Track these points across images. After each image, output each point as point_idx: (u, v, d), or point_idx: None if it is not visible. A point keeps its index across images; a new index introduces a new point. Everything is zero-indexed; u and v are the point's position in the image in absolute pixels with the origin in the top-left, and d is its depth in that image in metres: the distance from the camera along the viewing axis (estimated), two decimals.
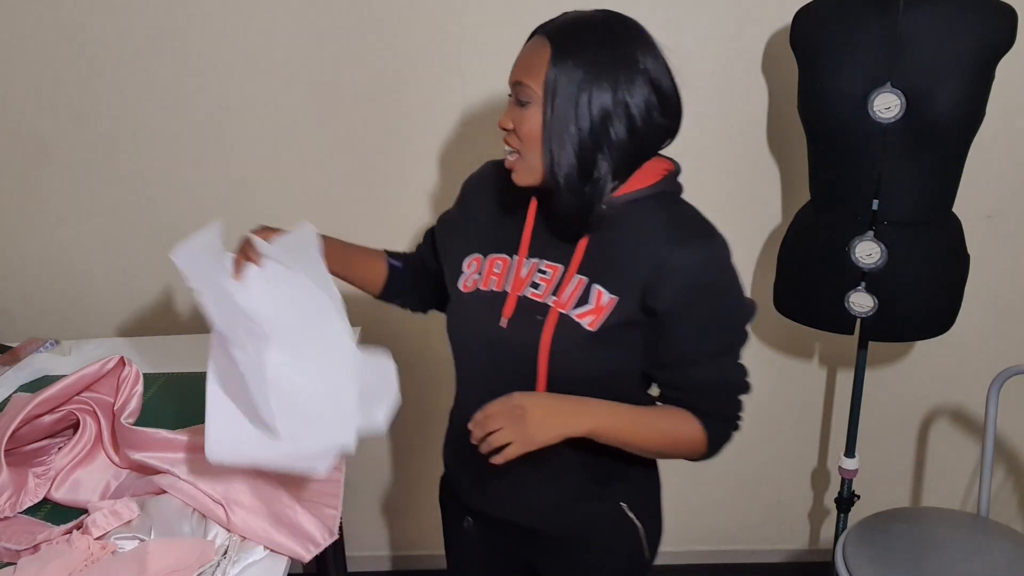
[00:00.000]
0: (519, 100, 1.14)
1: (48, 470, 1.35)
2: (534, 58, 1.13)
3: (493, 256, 1.25)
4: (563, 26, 1.14)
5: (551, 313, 1.17)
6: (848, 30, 1.65)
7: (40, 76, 1.95)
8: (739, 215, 2.06)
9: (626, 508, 1.29)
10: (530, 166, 1.16)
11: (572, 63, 1.10)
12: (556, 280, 1.19)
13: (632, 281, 1.15)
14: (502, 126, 1.17)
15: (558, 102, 1.10)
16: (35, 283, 2.13)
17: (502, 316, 1.20)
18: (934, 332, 1.81)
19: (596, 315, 1.15)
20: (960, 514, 1.92)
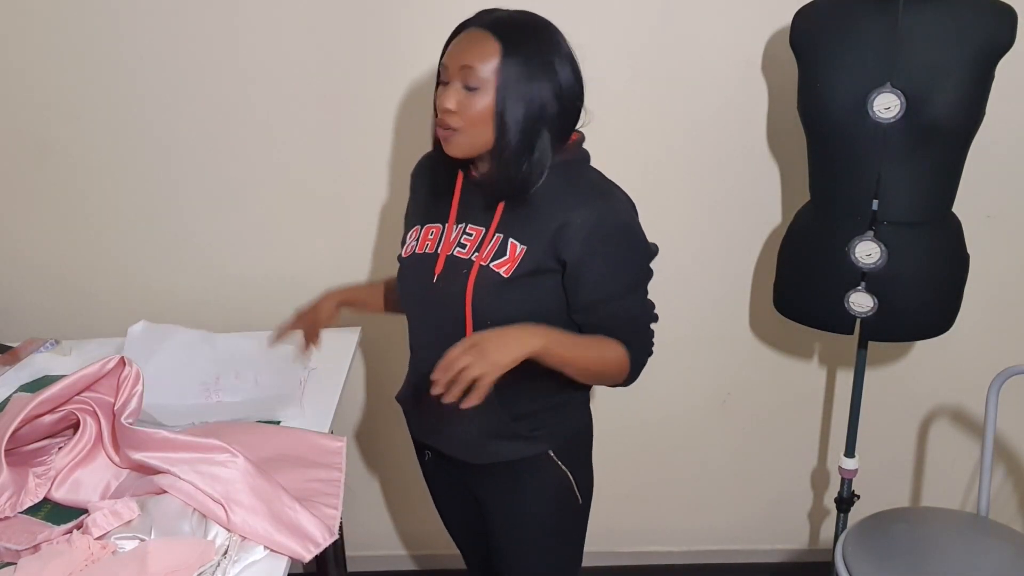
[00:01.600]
0: (467, 85, 1.28)
1: (48, 470, 1.36)
2: (482, 48, 1.28)
3: (428, 225, 1.45)
4: (501, 21, 1.30)
5: (473, 266, 1.35)
6: (848, 30, 1.65)
7: (40, 76, 1.95)
8: (739, 215, 2.06)
9: (552, 454, 1.46)
10: (469, 142, 1.31)
11: (520, 54, 1.27)
12: (479, 240, 1.37)
13: (541, 235, 1.33)
14: (447, 107, 1.29)
15: (511, 90, 1.27)
16: (35, 283, 2.13)
17: (434, 273, 1.39)
18: (934, 332, 1.81)
19: (510, 264, 1.34)
20: (960, 514, 1.92)
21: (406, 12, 1.90)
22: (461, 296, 1.35)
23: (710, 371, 2.22)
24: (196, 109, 1.97)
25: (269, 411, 1.59)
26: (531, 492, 1.47)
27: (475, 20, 1.33)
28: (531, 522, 1.50)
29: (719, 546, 2.42)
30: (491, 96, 1.28)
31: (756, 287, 2.13)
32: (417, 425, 1.57)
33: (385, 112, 1.97)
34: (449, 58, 1.31)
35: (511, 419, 1.42)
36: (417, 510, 2.36)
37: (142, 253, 2.10)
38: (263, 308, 2.12)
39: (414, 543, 2.42)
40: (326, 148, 2.00)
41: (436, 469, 1.61)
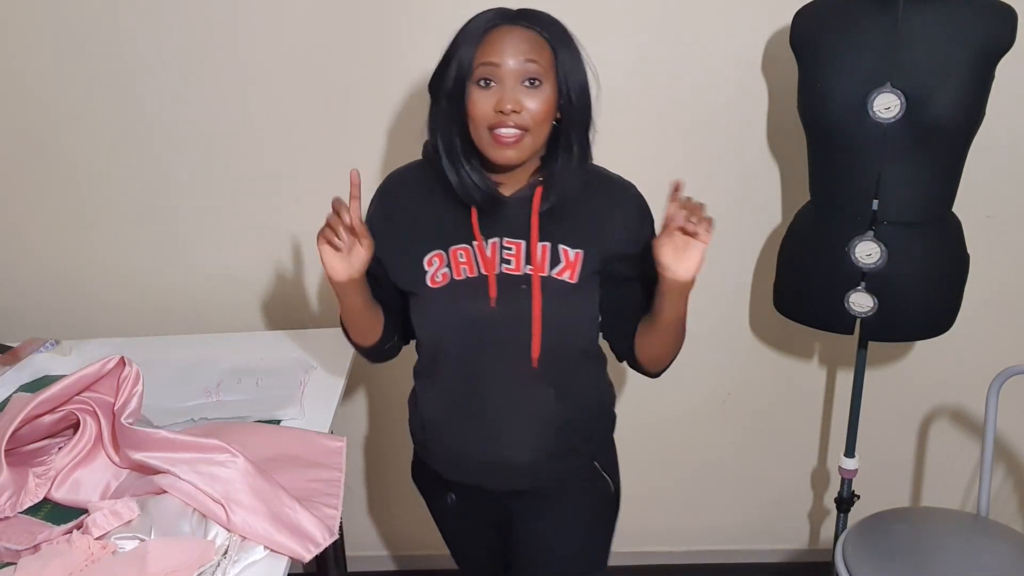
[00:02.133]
0: (530, 80, 1.23)
1: (48, 470, 1.36)
2: (532, 42, 1.24)
3: (454, 247, 1.33)
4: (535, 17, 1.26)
5: (534, 279, 1.29)
6: (848, 30, 1.65)
7: (40, 76, 1.95)
8: (739, 215, 2.06)
9: (599, 466, 1.44)
10: (535, 143, 1.26)
11: (569, 48, 1.26)
12: (523, 252, 1.30)
13: (588, 235, 1.31)
14: (512, 108, 1.22)
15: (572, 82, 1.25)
16: (35, 283, 2.13)
17: (490, 296, 1.30)
18: (934, 332, 1.81)
19: (571, 269, 1.30)
20: (960, 514, 1.92)
21: (407, 13, 1.90)
22: (527, 314, 1.29)
23: (710, 371, 2.21)
24: (196, 109, 1.97)
25: (269, 411, 1.59)
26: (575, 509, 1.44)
27: (500, 18, 1.26)
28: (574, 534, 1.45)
29: (719, 546, 2.42)
30: (551, 92, 1.24)
31: (756, 287, 2.13)
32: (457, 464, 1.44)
33: (385, 113, 1.97)
34: (497, 54, 1.22)
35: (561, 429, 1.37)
36: (417, 510, 2.36)
37: (142, 253, 2.10)
38: (263, 308, 2.12)
39: (413, 544, 2.42)
40: (326, 148, 2.00)
41: (464, 508, 1.52)
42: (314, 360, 1.77)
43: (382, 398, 2.24)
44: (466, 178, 1.29)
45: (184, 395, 1.66)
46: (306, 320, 2.10)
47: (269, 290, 2.11)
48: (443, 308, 1.33)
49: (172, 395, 1.66)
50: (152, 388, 1.46)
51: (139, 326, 2.10)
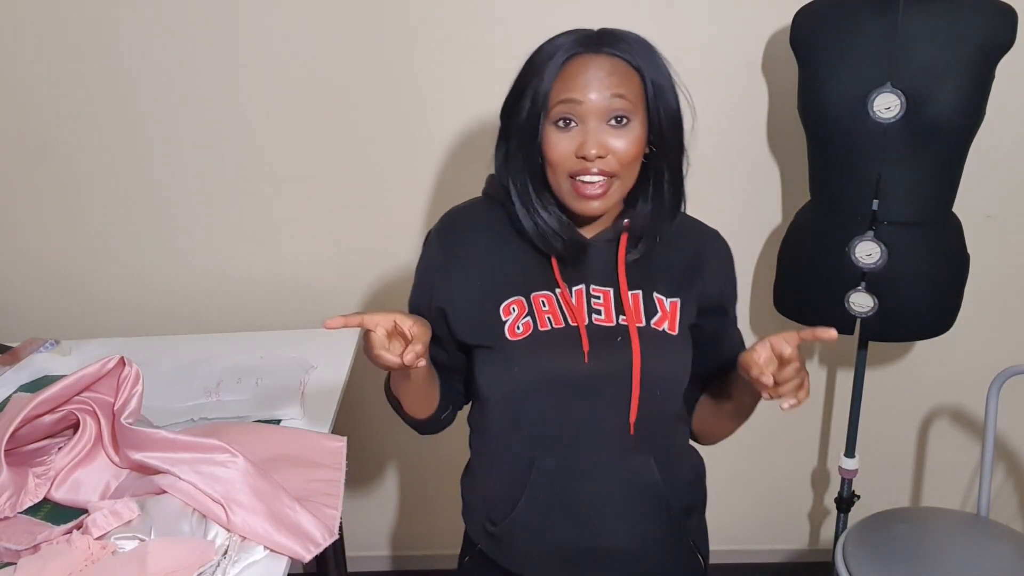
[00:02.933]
0: (620, 115, 1.08)
1: (48, 470, 1.35)
2: (620, 73, 1.09)
3: (536, 294, 1.16)
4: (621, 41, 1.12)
5: (631, 330, 1.14)
6: (848, 30, 1.65)
7: (40, 77, 1.95)
8: (739, 215, 2.06)
9: (694, 544, 1.31)
10: (623, 189, 1.12)
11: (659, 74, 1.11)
12: (613, 301, 1.15)
13: (680, 281, 1.18)
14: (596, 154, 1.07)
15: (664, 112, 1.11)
16: (35, 283, 2.13)
17: (583, 351, 1.13)
18: (934, 332, 1.81)
19: (670, 319, 1.17)
20: (960, 514, 1.92)
21: (407, 13, 1.90)
22: (626, 369, 1.13)
23: None
24: (196, 109, 1.97)
25: (269, 411, 1.59)
26: None
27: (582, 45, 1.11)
28: None
29: (719, 546, 2.40)
30: (642, 126, 1.10)
31: (756, 287, 2.13)
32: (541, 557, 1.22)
33: (386, 113, 1.97)
34: (576, 90, 1.07)
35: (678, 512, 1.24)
36: (417, 511, 2.36)
37: (142, 253, 2.10)
38: (263, 308, 2.12)
39: (414, 544, 2.42)
40: (326, 148, 2.00)
41: None
42: (314, 360, 1.77)
43: (382, 398, 2.24)
44: (543, 225, 1.14)
45: (184, 395, 1.66)
46: (306, 320, 2.10)
47: (269, 290, 2.11)
48: (529, 363, 1.14)
49: (172, 395, 1.66)
50: (152, 388, 1.46)
51: (139, 326, 2.10)
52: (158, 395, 1.61)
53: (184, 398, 1.65)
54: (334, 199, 2.05)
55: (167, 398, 1.64)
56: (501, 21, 1.89)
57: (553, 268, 1.16)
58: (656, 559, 1.24)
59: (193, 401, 1.64)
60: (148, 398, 1.40)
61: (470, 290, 1.18)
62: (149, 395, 1.41)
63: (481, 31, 1.91)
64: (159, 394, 1.62)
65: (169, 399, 1.64)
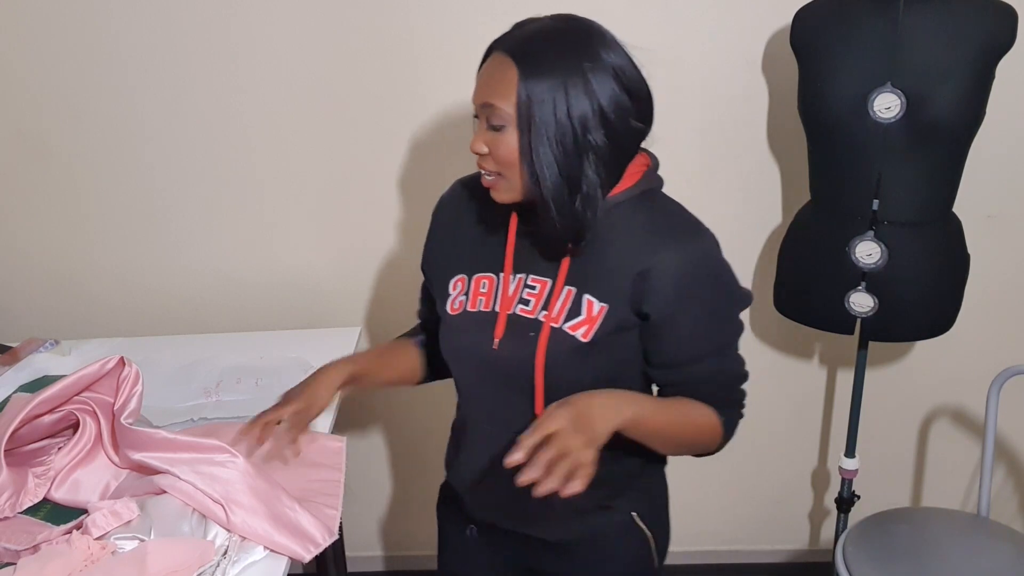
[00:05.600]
0: (491, 124, 1.11)
1: (48, 470, 1.35)
2: (500, 78, 1.10)
3: (479, 275, 1.24)
4: (524, 41, 1.11)
5: (543, 328, 1.16)
6: (848, 30, 1.65)
7: (41, 76, 1.95)
8: (739, 215, 2.06)
9: (636, 517, 1.30)
10: (511, 185, 1.14)
11: (542, 78, 1.07)
12: (545, 294, 1.18)
13: (620, 287, 1.15)
14: (476, 151, 1.14)
15: (535, 122, 1.08)
16: (35, 283, 2.13)
17: (493, 337, 1.20)
18: (934, 332, 1.81)
19: (589, 325, 1.15)
20: (960, 514, 1.92)
21: (408, 14, 1.90)
22: (530, 364, 1.16)
23: None
24: (196, 109, 1.97)
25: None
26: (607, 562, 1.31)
27: (502, 39, 1.14)
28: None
29: (719, 546, 2.41)
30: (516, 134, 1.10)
31: (756, 287, 2.13)
32: (474, 502, 1.34)
33: (386, 113, 1.97)
34: (475, 93, 1.14)
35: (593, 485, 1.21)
36: (417, 511, 2.36)
37: (142, 253, 2.10)
38: (263, 308, 2.12)
39: (413, 544, 2.42)
40: (327, 148, 2.00)
41: (483, 545, 1.38)
42: (314, 360, 1.77)
43: (383, 398, 2.24)
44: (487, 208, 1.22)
45: (184, 395, 1.66)
46: (306, 320, 2.10)
47: (269, 290, 2.11)
48: (453, 338, 1.26)
49: (172, 395, 1.66)
50: (152, 388, 1.45)
51: (139, 326, 2.10)
52: (157, 395, 1.60)
53: (183, 398, 1.65)
54: (334, 199, 2.05)
55: (166, 398, 1.64)
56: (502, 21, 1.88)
57: (507, 253, 1.21)
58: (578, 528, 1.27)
59: (192, 401, 1.64)
60: (147, 398, 1.40)
61: (438, 259, 1.31)
62: (149, 395, 1.40)
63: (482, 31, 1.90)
64: (159, 394, 1.62)
65: (168, 399, 1.64)
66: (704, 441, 1.22)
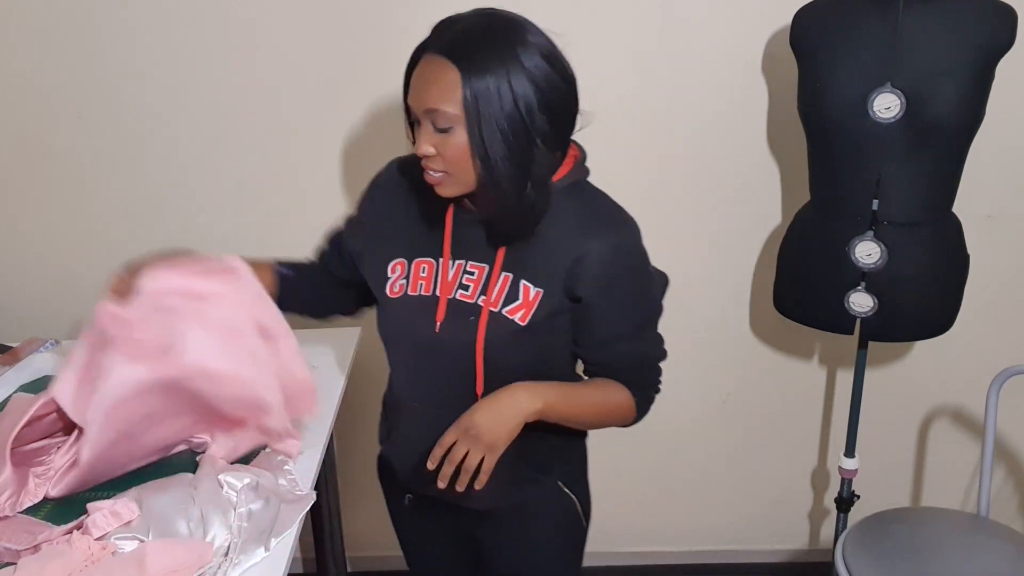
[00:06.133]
0: (437, 127, 1.13)
1: (48, 470, 1.36)
2: (440, 81, 1.12)
3: (418, 260, 1.28)
4: (457, 41, 1.13)
5: (483, 313, 1.22)
6: (848, 30, 1.65)
7: (41, 76, 1.95)
8: (739, 215, 2.06)
9: (563, 486, 1.38)
10: (460, 181, 1.17)
11: (484, 74, 1.10)
12: (483, 280, 1.23)
13: (554, 273, 1.21)
14: (423, 153, 1.16)
15: (485, 118, 1.11)
16: (35, 283, 2.13)
17: (435, 320, 1.25)
18: (934, 332, 1.81)
19: (526, 309, 1.21)
20: (960, 514, 1.92)
21: (410, 13, 1.90)
22: (471, 347, 1.23)
23: (710, 371, 2.22)
24: (198, 109, 1.97)
25: None
26: (539, 529, 1.40)
27: (431, 42, 1.16)
28: (539, 556, 1.42)
29: (719, 546, 2.42)
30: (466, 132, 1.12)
31: (756, 287, 2.13)
32: (407, 472, 1.40)
33: (388, 114, 1.97)
34: (414, 98, 1.16)
35: (520, 460, 1.29)
36: None
37: (142, 253, 2.09)
38: None
39: None
40: (328, 148, 2.00)
41: (420, 513, 1.47)
42: (314, 360, 1.77)
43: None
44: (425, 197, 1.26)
45: None
46: (306, 320, 2.10)
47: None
48: (394, 322, 1.32)
49: None
50: None
51: None
52: None
53: None
54: (335, 199, 2.05)
55: None
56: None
57: (445, 238, 1.26)
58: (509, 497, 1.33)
59: None
60: None
61: (373, 239, 1.35)
62: None
63: None
64: None
65: None
66: (616, 420, 1.31)
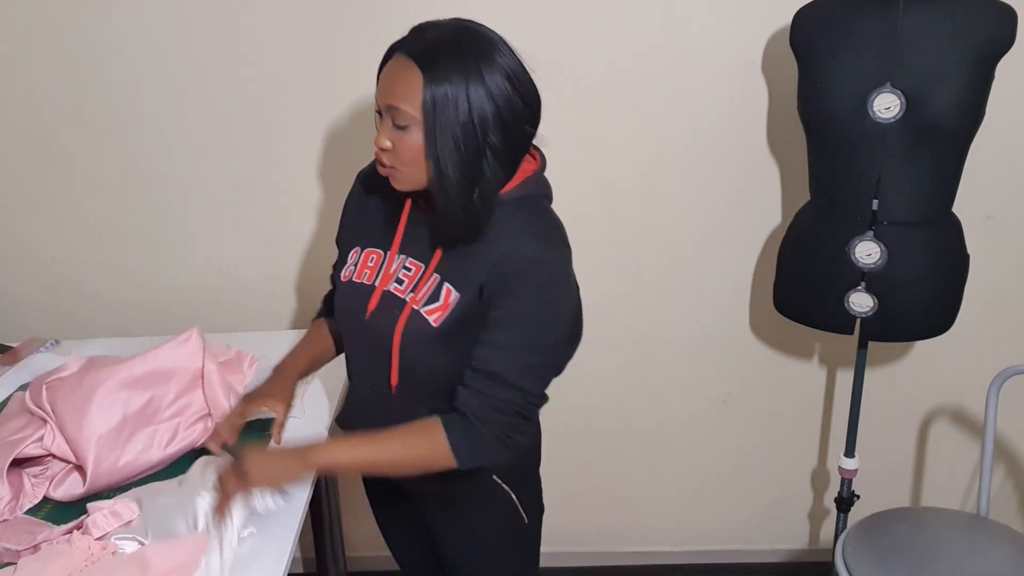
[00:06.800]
0: (396, 124, 1.19)
1: (45, 469, 1.36)
2: (404, 81, 1.17)
3: (369, 250, 1.35)
4: (427, 48, 1.17)
5: (405, 308, 1.26)
6: (848, 30, 1.65)
7: (41, 75, 1.95)
8: (739, 215, 2.06)
9: (496, 478, 1.38)
10: (410, 179, 1.22)
11: (445, 83, 1.15)
12: (416, 278, 1.28)
13: (476, 277, 1.22)
14: (381, 146, 1.21)
15: (440, 123, 1.15)
16: (35, 283, 2.13)
17: (367, 308, 1.31)
18: (934, 332, 1.81)
19: (441, 312, 1.24)
20: (960, 514, 1.92)
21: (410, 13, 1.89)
22: (390, 339, 1.27)
23: (710, 371, 2.22)
24: (197, 109, 1.97)
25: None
26: (475, 517, 1.42)
27: (403, 44, 1.21)
28: (477, 548, 1.45)
29: (719, 546, 2.42)
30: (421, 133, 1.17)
31: (756, 287, 2.13)
32: None
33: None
34: (379, 93, 1.21)
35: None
36: None
37: (142, 253, 2.10)
38: (263, 308, 2.12)
39: None
40: (329, 149, 2.00)
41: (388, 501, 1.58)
42: None
43: None
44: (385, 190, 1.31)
45: None
46: (307, 320, 2.09)
47: (270, 290, 2.11)
48: (339, 303, 1.39)
49: None
50: None
51: (139, 326, 2.10)
52: None
53: None
54: (335, 199, 2.05)
55: None
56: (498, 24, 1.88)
57: (397, 234, 1.32)
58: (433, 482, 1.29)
59: None
60: None
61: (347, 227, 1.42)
62: None
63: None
64: None
65: None
66: (422, 467, 1.25)
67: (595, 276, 2.08)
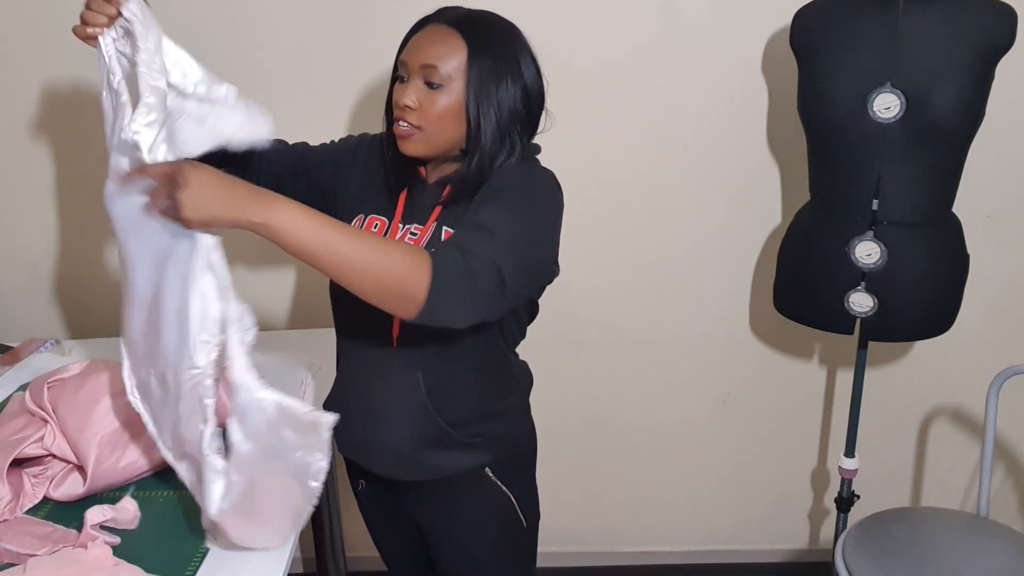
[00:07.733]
0: (429, 82, 1.23)
1: (45, 469, 1.36)
2: (445, 43, 1.23)
3: (373, 216, 1.35)
4: (467, 20, 1.25)
5: None
6: (848, 30, 1.65)
7: (41, 75, 1.95)
8: (739, 215, 2.06)
9: (491, 473, 1.38)
10: (429, 141, 1.25)
11: (490, 53, 1.23)
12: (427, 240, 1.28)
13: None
14: (406, 103, 1.23)
15: (483, 92, 1.22)
16: (35, 283, 2.13)
17: None
18: (934, 332, 1.81)
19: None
20: (960, 514, 1.92)
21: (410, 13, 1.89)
22: None
23: (710, 371, 2.22)
24: None
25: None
26: (470, 516, 1.40)
27: (437, 16, 1.28)
28: (473, 548, 1.43)
29: (719, 546, 2.42)
30: (456, 95, 1.23)
31: (756, 287, 2.13)
32: (346, 437, 1.37)
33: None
34: (409, 54, 1.26)
35: (446, 425, 1.32)
36: None
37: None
38: (265, 308, 2.12)
39: None
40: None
41: (372, 498, 1.52)
42: (315, 360, 1.77)
43: None
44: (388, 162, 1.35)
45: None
46: (307, 320, 2.10)
47: (271, 290, 2.11)
48: None
49: None
50: None
51: None
52: None
53: None
54: None
55: None
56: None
57: (399, 204, 1.33)
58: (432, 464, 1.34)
59: None
60: None
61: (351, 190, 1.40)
62: None
63: None
64: None
65: None
66: (398, 279, 1.08)
67: (595, 276, 2.09)
